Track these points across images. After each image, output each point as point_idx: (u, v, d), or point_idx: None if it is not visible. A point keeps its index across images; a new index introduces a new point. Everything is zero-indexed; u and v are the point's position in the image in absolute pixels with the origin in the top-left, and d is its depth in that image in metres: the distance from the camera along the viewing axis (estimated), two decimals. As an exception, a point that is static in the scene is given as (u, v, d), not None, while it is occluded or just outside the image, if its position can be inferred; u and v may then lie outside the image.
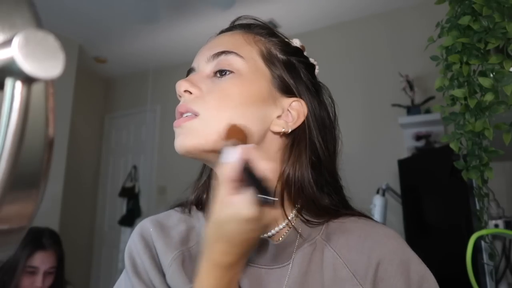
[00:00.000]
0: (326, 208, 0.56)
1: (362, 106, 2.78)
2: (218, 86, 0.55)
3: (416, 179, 2.01)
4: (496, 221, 1.17)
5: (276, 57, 0.59)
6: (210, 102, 0.54)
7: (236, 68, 0.55)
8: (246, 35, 0.60)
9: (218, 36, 0.62)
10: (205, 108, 0.53)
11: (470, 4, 0.88)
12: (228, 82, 0.55)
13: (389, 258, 0.53)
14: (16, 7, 0.22)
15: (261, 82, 0.57)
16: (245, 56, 0.56)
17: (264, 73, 0.57)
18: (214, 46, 0.58)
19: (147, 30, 3.11)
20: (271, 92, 0.57)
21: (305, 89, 0.59)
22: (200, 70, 0.58)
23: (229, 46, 0.57)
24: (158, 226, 0.61)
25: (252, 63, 0.57)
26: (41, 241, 1.51)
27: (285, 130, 0.56)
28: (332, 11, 2.90)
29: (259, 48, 0.59)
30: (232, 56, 0.56)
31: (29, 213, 0.23)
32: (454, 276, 1.17)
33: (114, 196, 3.83)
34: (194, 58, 0.61)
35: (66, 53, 0.19)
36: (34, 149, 0.22)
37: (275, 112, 0.57)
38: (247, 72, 0.56)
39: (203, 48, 0.61)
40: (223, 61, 0.56)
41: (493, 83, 0.84)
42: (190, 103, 0.54)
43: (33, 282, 1.45)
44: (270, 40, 0.60)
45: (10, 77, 0.19)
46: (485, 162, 0.89)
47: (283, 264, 0.55)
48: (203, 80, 0.56)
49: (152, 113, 3.81)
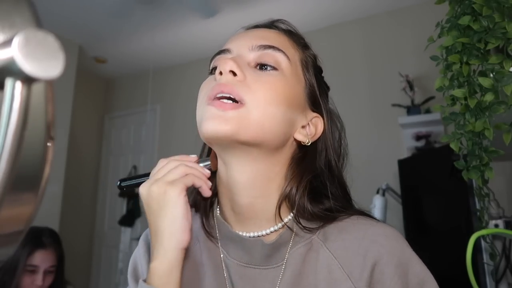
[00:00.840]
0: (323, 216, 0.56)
1: (362, 106, 2.78)
2: (264, 77, 0.53)
3: (416, 179, 2.01)
4: (496, 221, 1.17)
5: (310, 70, 0.60)
6: (258, 93, 0.52)
7: (282, 67, 0.55)
8: (291, 40, 0.60)
9: (262, 30, 0.60)
10: (253, 98, 0.51)
11: (470, 4, 0.88)
12: (275, 78, 0.54)
13: (386, 259, 0.51)
14: (16, 6, 0.22)
15: (299, 88, 0.57)
16: (291, 58, 0.57)
17: (301, 80, 0.58)
18: (260, 37, 0.57)
19: (147, 30, 3.10)
20: (303, 101, 0.58)
21: (326, 107, 0.61)
22: (241, 55, 0.55)
23: (277, 43, 0.56)
24: None
25: (294, 67, 0.57)
26: (41, 240, 1.52)
27: (307, 141, 0.57)
28: (332, 11, 2.90)
29: (299, 55, 0.59)
30: (280, 54, 0.55)
31: (29, 213, 0.23)
32: (454, 276, 1.17)
33: (114, 196, 3.83)
34: (230, 41, 0.58)
35: (66, 53, 0.19)
36: (34, 149, 0.22)
37: (302, 121, 0.58)
38: (290, 74, 0.56)
39: (244, 33, 0.59)
40: (270, 55, 0.55)
41: (493, 83, 0.84)
42: (237, 87, 0.51)
43: (33, 281, 1.45)
44: (305, 52, 0.62)
45: (10, 77, 0.19)
46: (486, 162, 0.89)
47: (277, 264, 0.54)
48: (246, 66, 0.54)
49: (152, 113, 3.81)
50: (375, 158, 2.61)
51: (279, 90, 0.53)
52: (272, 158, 0.55)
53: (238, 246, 0.56)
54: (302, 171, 0.56)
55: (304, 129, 0.58)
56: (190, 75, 3.42)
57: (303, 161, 0.57)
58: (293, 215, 0.56)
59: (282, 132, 0.54)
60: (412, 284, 0.51)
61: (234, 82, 0.52)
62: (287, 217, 0.56)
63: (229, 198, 0.57)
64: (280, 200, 0.55)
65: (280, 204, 0.55)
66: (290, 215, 0.56)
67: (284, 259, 0.54)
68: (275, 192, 0.56)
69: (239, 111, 0.50)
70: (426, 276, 0.52)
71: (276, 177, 0.56)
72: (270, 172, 0.55)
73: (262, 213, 0.56)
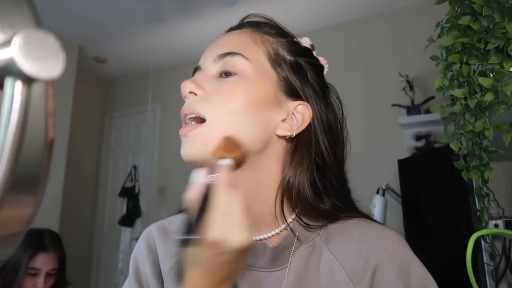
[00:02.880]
0: (325, 212, 0.55)
1: (362, 106, 2.78)
2: (224, 87, 0.53)
3: (416, 179, 2.01)
4: (496, 221, 1.17)
5: (283, 59, 0.58)
6: (215, 104, 0.52)
7: (242, 70, 0.54)
8: (254, 34, 0.58)
9: (226, 35, 0.60)
10: (212, 111, 0.52)
11: (470, 4, 0.88)
12: (233, 83, 0.53)
13: (387, 262, 0.51)
14: (16, 6, 0.22)
15: (266, 84, 0.55)
16: (251, 57, 0.55)
17: (270, 75, 0.56)
18: (221, 45, 0.57)
19: (147, 30, 3.11)
20: (276, 95, 0.56)
21: (312, 91, 0.58)
22: (206, 69, 0.57)
23: (235, 47, 0.56)
24: (162, 232, 0.61)
25: (258, 65, 0.55)
26: (43, 243, 1.52)
27: (290, 134, 0.55)
28: (332, 11, 2.90)
29: (266, 49, 0.57)
30: (238, 58, 0.55)
31: (29, 213, 0.23)
32: (454, 276, 1.17)
33: (114, 196, 3.83)
34: (201, 56, 0.59)
35: (66, 53, 0.19)
36: (34, 150, 0.22)
37: (280, 115, 0.56)
38: (253, 75, 0.54)
39: (210, 46, 0.59)
40: (229, 62, 0.55)
41: (493, 83, 0.84)
42: (195, 104, 0.53)
43: (35, 283, 1.46)
44: (278, 40, 0.59)
45: (10, 77, 0.19)
46: (485, 162, 0.89)
47: (281, 267, 0.54)
48: (209, 80, 0.55)
49: (152, 113, 3.81)
50: (375, 158, 2.61)
51: (239, 97, 0.52)
52: (258, 162, 0.54)
53: None
54: (297, 163, 0.55)
55: (285, 122, 0.56)
56: (190, 75, 3.41)
57: (296, 153, 0.56)
58: (296, 214, 0.55)
59: (254, 136, 0.53)
60: (413, 286, 0.50)
61: (194, 101, 0.53)
62: (290, 217, 0.56)
63: None
64: (280, 198, 0.55)
65: (282, 203, 0.55)
66: (293, 215, 0.56)
67: (288, 262, 0.54)
68: (271, 194, 0.55)
69: (199, 129, 0.52)
70: (427, 279, 0.52)
71: (267, 179, 0.55)
72: (259, 176, 0.55)
73: (260, 217, 0.55)
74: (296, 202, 0.55)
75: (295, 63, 0.58)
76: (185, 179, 0.65)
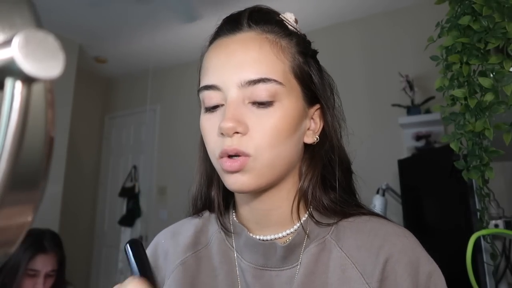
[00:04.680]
0: (336, 209, 0.56)
1: (362, 106, 2.78)
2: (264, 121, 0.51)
3: (416, 179, 2.01)
4: (496, 221, 1.17)
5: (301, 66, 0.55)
6: (261, 142, 0.51)
7: (278, 98, 0.52)
8: (273, 45, 0.54)
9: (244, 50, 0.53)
10: (257, 148, 0.51)
11: (470, 4, 0.88)
12: (274, 116, 0.51)
13: (397, 257, 0.52)
14: (16, 7, 0.22)
15: (297, 103, 0.54)
16: (283, 79, 0.52)
17: (297, 90, 0.54)
18: (245, 67, 0.52)
19: (147, 30, 3.11)
20: (304, 108, 0.55)
21: (321, 89, 0.57)
22: (231, 96, 0.52)
23: (263, 70, 0.51)
24: (169, 236, 0.64)
25: (288, 85, 0.53)
26: (42, 244, 1.52)
27: (316, 140, 0.57)
28: (332, 11, 2.90)
29: (289, 62, 0.54)
30: (272, 85, 0.51)
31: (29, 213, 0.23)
32: (454, 276, 1.17)
33: (114, 196, 3.83)
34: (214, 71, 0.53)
35: (66, 53, 0.19)
36: (34, 149, 0.22)
37: (307, 125, 0.57)
38: (286, 98, 0.52)
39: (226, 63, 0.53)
40: (263, 90, 0.51)
41: (493, 83, 0.84)
42: (240, 144, 0.51)
43: (34, 284, 1.46)
44: (291, 44, 0.56)
45: (10, 77, 0.19)
46: (486, 162, 0.89)
47: (292, 265, 0.55)
48: (243, 111, 0.51)
49: (152, 113, 3.81)
50: (375, 158, 2.61)
51: (280, 128, 0.51)
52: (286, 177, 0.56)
53: (253, 249, 0.56)
54: (314, 166, 0.57)
55: (310, 130, 0.57)
56: (190, 75, 3.40)
57: (313, 156, 0.57)
58: (309, 212, 0.56)
59: (294, 155, 0.54)
60: (422, 281, 0.51)
61: (237, 141, 0.51)
62: (304, 216, 0.57)
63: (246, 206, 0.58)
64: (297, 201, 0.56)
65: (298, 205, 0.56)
66: (306, 214, 0.57)
67: (299, 260, 0.55)
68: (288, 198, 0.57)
69: (247, 164, 0.51)
70: (435, 271, 0.53)
71: (287, 185, 0.57)
72: (284, 187, 0.56)
73: (277, 220, 0.57)
74: (311, 202, 0.56)
75: (307, 63, 0.57)
76: (185, 179, 0.66)
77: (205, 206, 0.64)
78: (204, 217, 0.64)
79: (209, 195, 0.62)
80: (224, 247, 0.60)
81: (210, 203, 0.62)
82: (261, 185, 0.52)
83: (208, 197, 0.63)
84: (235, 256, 0.58)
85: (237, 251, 0.58)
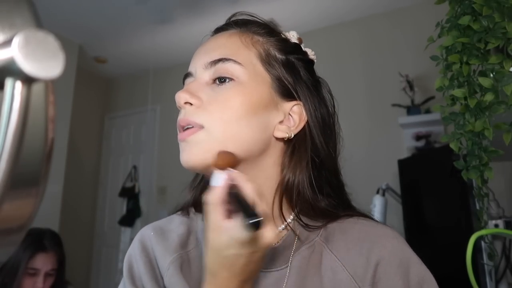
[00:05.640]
0: (325, 211, 0.56)
1: (362, 106, 2.78)
2: (219, 95, 0.53)
3: (416, 179, 2.01)
4: (496, 221, 1.17)
5: (275, 59, 0.57)
6: (213, 114, 0.52)
7: (236, 76, 0.53)
8: (244, 36, 0.57)
9: (215, 37, 0.59)
10: (209, 120, 0.52)
11: (470, 4, 0.88)
12: (229, 91, 0.53)
13: (388, 259, 0.52)
14: (16, 7, 0.22)
15: (262, 88, 0.55)
16: (244, 62, 0.54)
17: (264, 78, 0.55)
18: (211, 50, 0.56)
19: (147, 30, 3.11)
20: (272, 97, 0.55)
21: (305, 89, 0.58)
22: (197, 76, 0.56)
23: (226, 52, 0.55)
24: (159, 231, 0.60)
25: (251, 69, 0.54)
26: (42, 243, 1.52)
27: (288, 135, 0.55)
28: (332, 11, 2.90)
29: (257, 50, 0.56)
30: (230, 64, 0.54)
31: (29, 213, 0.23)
32: (454, 276, 1.17)
33: (114, 196, 3.83)
34: (191, 61, 0.58)
35: (66, 53, 0.19)
36: (34, 149, 0.22)
37: (277, 117, 0.55)
38: (247, 79, 0.54)
39: (199, 50, 0.58)
40: (221, 68, 0.54)
41: (493, 83, 0.84)
42: (192, 115, 0.52)
43: (34, 283, 1.46)
44: (268, 40, 0.58)
45: (10, 77, 0.19)
46: (485, 162, 0.89)
47: (281, 267, 0.54)
48: (203, 88, 0.54)
49: (152, 113, 3.81)
50: (375, 158, 2.61)
51: (236, 104, 0.52)
52: (257, 166, 0.54)
53: None
54: (296, 163, 0.55)
55: (282, 124, 0.56)
56: (190, 75, 3.42)
57: (294, 153, 0.56)
58: (295, 214, 0.55)
59: (253, 141, 0.53)
60: (413, 283, 0.51)
61: (190, 111, 0.53)
62: (289, 217, 0.56)
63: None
64: (279, 199, 0.55)
65: (281, 204, 0.55)
66: (292, 215, 0.56)
67: (288, 262, 0.54)
68: (269, 195, 0.55)
69: (197, 134, 0.52)
70: (426, 274, 0.53)
71: (266, 181, 0.55)
72: (258, 178, 0.54)
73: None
74: (296, 202, 0.55)
75: (287, 61, 0.58)
76: (185, 179, 0.65)
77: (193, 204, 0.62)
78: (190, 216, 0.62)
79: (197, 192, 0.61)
80: None
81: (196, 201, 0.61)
82: (206, 161, 0.51)
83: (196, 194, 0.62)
84: None
85: None
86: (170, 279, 0.54)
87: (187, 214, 0.62)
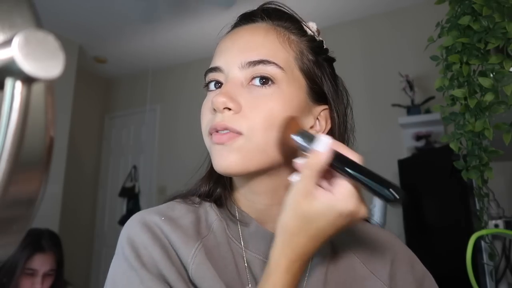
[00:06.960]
0: None
1: (362, 106, 2.78)
2: (259, 101, 0.50)
3: (416, 179, 2.01)
4: (496, 221, 1.17)
5: (308, 61, 0.56)
6: (254, 121, 0.50)
7: (277, 80, 0.51)
8: (281, 34, 0.55)
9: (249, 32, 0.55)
10: (250, 127, 0.50)
11: (470, 4, 0.88)
12: (270, 97, 0.51)
13: (399, 257, 0.58)
14: (16, 6, 0.22)
15: (299, 93, 0.53)
16: (284, 66, 0.52)
17: (301, 82, 0.54)
18: (248, 49, 0.53)
19: (147, 30, 3.10)
20: (307, 103, 0.54)
21: (332, 91, 0.57)
22: (231, 76, 0.53)
23: (265, 53, 0.52)
24: (167, 217, 0.56)
25: (290, 73, 0.53)
26: (41, 243, 1.51)
27: None
28: (332, 11, 2.90)
29: (294, 52, 0.55)
30: (272, 67, 0.51)
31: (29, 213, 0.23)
32: (454, 276, 1.17)
33: (114, 196, 3.83)
34: (218, 55, 0.55)
35: (66, 53, 0.19)
36: (34, 149, 0.22)
37: (309, 123, 0.55)
38: (287, 85, 0.52)
39: (231, 46, 0.54)
40: (262, 70, 0.51)
41: (493, 83, 0.84)
42: (231, 122, 0.50)
43: (32, 284, 1.46)
44: (301, 40, 0.57)
45: (10, 77, 0.19)
46: (485, 162, 0.89)
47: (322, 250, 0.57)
48: (240, 91, 0.51)
49: (152, 113, 3.80)
50: (375, 158, 2.60)
51: (276, 111, 0.50)
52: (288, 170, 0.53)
53: (262, 241, 0.55)
54: None
55: (313, 128, 0.56)
56: (190, 75, 3.42)
57: None
58: None
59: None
60: (418, 277, 0.57)
61: (228, 118, 0.50)
62: None
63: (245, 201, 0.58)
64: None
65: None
66: None
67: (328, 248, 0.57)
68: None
69: (237, 140, 0.50)
70: (426, 271, 0.59)
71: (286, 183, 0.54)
72: (278, 182, 0.55)
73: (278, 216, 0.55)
74: None
75: (317, 63, 0.57)
76: (185, 179, 0.65)
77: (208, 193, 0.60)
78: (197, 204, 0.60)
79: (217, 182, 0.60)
80: (226, 237, 0.56)
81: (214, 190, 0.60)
82: (249, 169, 0.50)
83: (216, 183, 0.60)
84: (240, 247, 0.55)
85: (242, 241, 0.56)
86: (199, 267, 0.50)
87: (191, 202, 0.60)
